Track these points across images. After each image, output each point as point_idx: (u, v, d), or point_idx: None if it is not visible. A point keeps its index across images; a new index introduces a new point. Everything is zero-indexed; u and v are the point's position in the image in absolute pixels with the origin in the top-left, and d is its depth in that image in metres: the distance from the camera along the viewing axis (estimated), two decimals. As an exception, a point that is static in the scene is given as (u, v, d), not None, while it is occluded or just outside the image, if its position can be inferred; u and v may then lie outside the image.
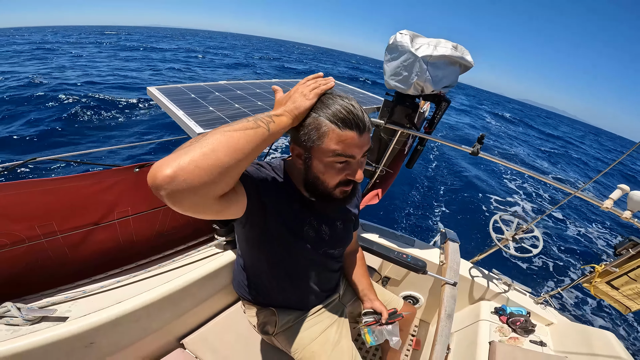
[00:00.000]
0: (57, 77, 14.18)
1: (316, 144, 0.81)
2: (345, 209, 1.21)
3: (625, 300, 1.76)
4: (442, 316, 1.63)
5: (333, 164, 0.83)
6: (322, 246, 1.11)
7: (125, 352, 1.15)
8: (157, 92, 1.42)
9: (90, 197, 1.13)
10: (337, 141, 0.79)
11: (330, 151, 0.80)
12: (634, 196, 1.56)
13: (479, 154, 1.76)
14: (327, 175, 0.85)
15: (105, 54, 27.70)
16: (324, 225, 1.10)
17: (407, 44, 1.61)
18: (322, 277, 1.22)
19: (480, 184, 9.98)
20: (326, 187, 0.88)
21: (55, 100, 10.55)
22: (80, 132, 8.28)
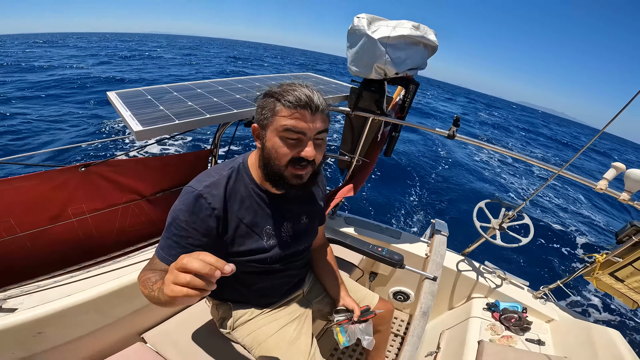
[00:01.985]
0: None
1: (269, 121, 0.87)
2: (311, 203, 1.19)
3: (632, 294, 1.56)
4: (417, 313, 1.54)
5: (284, 139, 0.86)
6: (283, 249, 1.09)
7: (78, 343, 1.20)
8: (114, 96, 1.49)
9: (41, 196, 1.20)
10: (288, 117, 0.84)
11: (281, 126, 0.84)
12: (631, 174, 1.36)
13: (456, 136, 1.64)
14: (278, 151, 0.88)
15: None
16: (286, 223, 1.08)
17: (364, 27, 1.54)
18: (282, 278, 1.20)
19: (472, 173, 9.67)
20: (278, 165, 0.89)
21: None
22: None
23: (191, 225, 0.89)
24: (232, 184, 0.97)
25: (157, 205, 1.55)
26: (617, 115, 1.08)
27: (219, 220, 0.93)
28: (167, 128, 1.27)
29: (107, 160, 1.32)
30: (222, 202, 0.93)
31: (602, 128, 1.14)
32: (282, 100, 0.84)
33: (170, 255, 0.89)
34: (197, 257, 0.59)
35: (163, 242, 0.92)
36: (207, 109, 1.44)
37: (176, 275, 0.58)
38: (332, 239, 1.71)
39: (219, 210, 0.92)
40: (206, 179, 0.94)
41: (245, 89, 1.79)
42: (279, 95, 0.85)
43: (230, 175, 0.97)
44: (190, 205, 0.89)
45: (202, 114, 1.40)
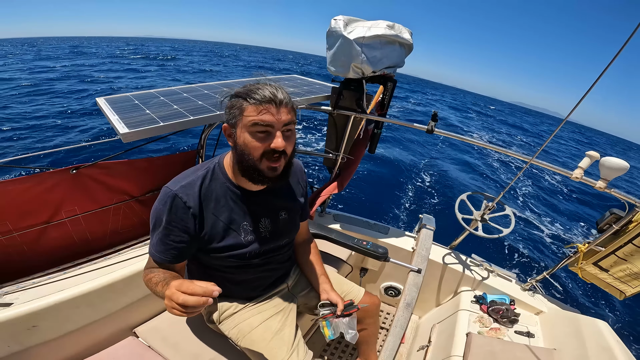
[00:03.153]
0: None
1: (238, 119, 0.92)
2: (290, 199, 1.23)
3: (618, 283, 1.55)
4: (401, 305, 1.56)
5: (254, 134, 0.91)
6: (261, 244, 1.13)
7: (71, 336, 1.25)
8: (102, 102, 1.58)
9: (36, 198, 1.28)
10: (254, 112, 0.89)
11: (250, 121, 0.89)
12: (606, 162, 1.38)
13: (434, 131, 1.67)
14: (250, 146, 0.92)
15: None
16: (263, 219, 1.13)
17: (340, 29, 1.60)
18: (264, 272, 1.24)
19: (459, 167, 9.70)
20: (252, 160, 0.94)
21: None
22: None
23: (171, 223, 0.96)
24: (208, 182, 1.02)
25: (147, 206, 1.62)
26: (579, 102, 1.10)
27: (195, 218, 0.99)
28: (152, 130, 1.34)
29: (97, 163, 1.40)
30: (197, 200, 0.99)
31: (566, 117, 1.16)
32: (248, 98, 0.89)
33: (158, 252, 0.99)
34: (188, 288, 0.73)
35: (152, 238, 1.01)
36: (191, 112, 1.52)
37: (173, 305, 0.74)
38: (318, 234, 1.74)
39: (194, 209, 0.98)
40: (182, 180, 1.00)
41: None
42: (245, 94, 0.90)
43: (205, 174, 1.03)
44: (167, 205, 0.96)
45: (186, 116, 1.47)
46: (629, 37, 0.89)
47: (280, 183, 1.03)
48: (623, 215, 1.45)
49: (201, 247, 1.06)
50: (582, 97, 1.07)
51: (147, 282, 0.98)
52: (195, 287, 0.72)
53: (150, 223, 1.00)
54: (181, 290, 0.73)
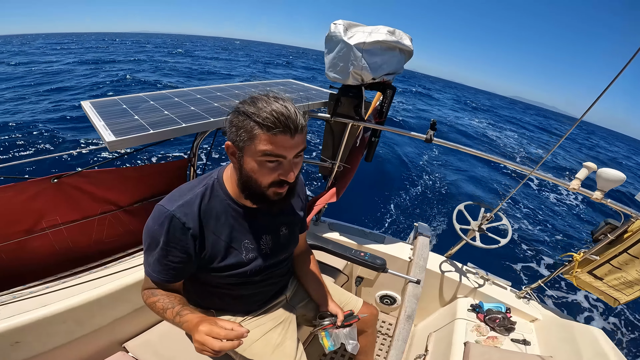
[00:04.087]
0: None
1: (247, 144, 0.82)
2: (291, 213, 1.18)
3: (612, 291, 1.58)
4: (402, 317, 1.54)
5: (264, 163, 0.84)
6: (263, 261, 1.08)
7: (57, 352, 1.18)
8: (88, 106, 1.47)
9: (13, 208, 1.18)
10: (267, 142, 0.80)
11: (260, 151, 0.81)
12: (603, 174, 1.39)
13: (433, 140, 1.65)
14: (258, 174, 0.86)
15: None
16: (265, 236, 1.08)
17: (340, 34, 1.56)
18: (264, 287, 1.20)
19: (459, 175, 9.70)
20: (259, 186, 0.88)
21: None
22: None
23: (169, 244, 0.90)
24: (207, 201, 0.95)
25: (135, 216, 1.53)
26: (591, 106, 1.10)
27: (195, 238, 0.92)
28: (141, 138, 1.26)
29: (81, 172, 1.31)
30: (196, 220, 0.92)
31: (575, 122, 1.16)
32: (260, 123, 0.79)
33: (156, 272, 0.94)
34: (219, 334, 0.75)
35: (148, 258, 0.95)
36: (183, 118, 1.44)
37: (207, 350, 0.75)
38: (315, 245, 1.70)
39: (194, 230, 0.91)
40: (179, 198, 0.92)
41: (224, 97, 1.79)
42: (256, 116, 0.79)
43: (204, 192, 0.96)
44: (164, 226, 0.89)
45: (178, 123, 1.39)
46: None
47: (283, 205, 0.99)
48: (618, 225, 1.47)
49: (201, 266, 1.00)
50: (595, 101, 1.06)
51: (150, 305, 0.96)
52: (229, 333, 0.75)
53: (144, 242, 0.93)
54: (212, 336, 0.75)
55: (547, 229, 7.48)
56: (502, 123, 26.97)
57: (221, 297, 1.16)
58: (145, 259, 0.96)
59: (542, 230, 7.28)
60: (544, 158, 1.34)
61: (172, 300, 0.93)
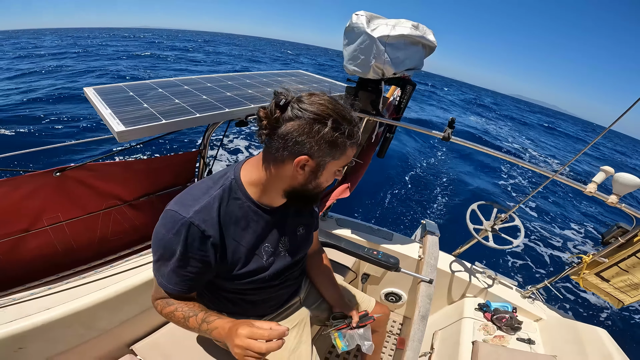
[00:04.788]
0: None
1: (335, 158, 0.83)
2: (309, 213, 1.14)
3: (618, 293, 1.62)
4: (416, 318, 1.53)
5: (337, 172, 0.88)
6: (281, 264, 1.03)
7: (63, 357, 1.12)
8: (91, 92, 1.35)
9: (11, 204, 1.08)
10: (347, 157, 0.85)
11: (341, 164, 0.86)
12: (620, 178, 1.41)
13: (451, 138, 1.63)
14: (328, 182, 0.90)
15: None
16: (283, 238, 1.02)
17: (363, 25, 1.49)
18: (280, 289, 1.15)
19: (464, 173, 9.75)
20: (316, 192, 0.91)
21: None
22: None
23: (187, 255, 0.81)
24: (226, 204, 0.86)
25: (141, 211, 1.44)
26: (623, 115, 1.09)
27: (216, 247, 0.84)
28: (153, 128, 1.16)
29: (85, 164, 1.20)
30: (217, 227, 0.83)
31: (605, 130, 1.15)
32: (351, 141, 0.81)
33: (172, 284, 0.86)
34: (262, 335, 0.71)
35: (161, 269, 0.85)
36: (195, 108, 1.34)
37: (252, 355, 0.71)
38: (327, 242, 1.66)
39: (214, 238, 0.83)
40: (194, 203, 0.82)
41: (235, 87, 1.69)
42: (349, 135, 0.79)
43: (222, 195, 0.86)
44: (182, 235, 0.79)
45: (191, 112, 1.29)
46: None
47: (316, 204, 1.01)
48: (629, 229, 1.50)
49: (220, 274, 0.93)
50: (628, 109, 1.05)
51: (167, 315, 0.90)
52: (271, 332, 0.71)
53: (155, 252, 0.84)
54: (255, 338, 0.71)
55: (556, 229, 7.60)
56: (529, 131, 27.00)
57: (235, 302, 1.10)
58: (156, 269, 0.86)
59: (551, 230, 7.40)
60: (567, 163, 1.33)
61: (191, 307, 0.88)
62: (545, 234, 7.09)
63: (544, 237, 6.91)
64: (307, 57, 62.45)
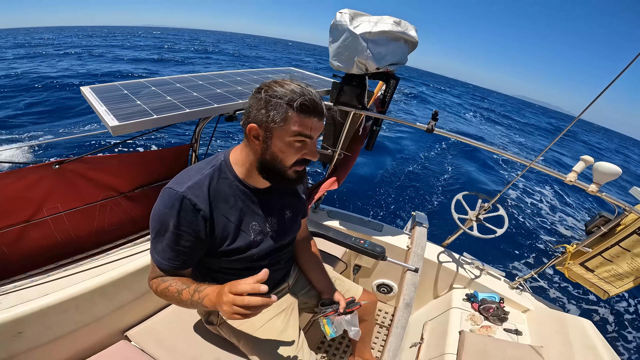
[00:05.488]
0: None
1: (279, 125, 0.86)
2: (294, 196, 1.19)
3: (603, 283, 1.63)
4: (400, 305, 1.57)
5: (292, 143, 0.89)
6: (269, 244, 1.10)
7: (60, 342, 1.18)
8: (88, 91, 1.45)
9: (15, 195, 1.16)
10: (299, 124, 0.86)
11: (292, 132, 0.87)
12: (599, 167, 1.42)
13: (434, 130, 1.67)
14: (285, 154, 0.91)
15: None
16: (271, 218, 1.09)
17: (346, 23, 1.55)
18: (270, 274, 1.21)
19: (460, 167, 9.79)
20: (283, 166, 0.93)
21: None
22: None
23: (180, 228, 0.90)
24: (216, 182, 0.96)
25: (136, 202, 1.52)
26: (591, 104, 1.12)
27: (206, 220, 0.93)
28: (145, 123, 1.25)
29: (83, 157, 1.29)
30: (207, 202, 0.92)
31: (575, 118, 1.18)
32: (294, 106, 0.85)
33: (166, 259, 0.93)
34: (245, 290, 0.77)
35: (157, 246, 0.93)
36: (186, 104, 1.42)
37: (237, 310, 0.77)
38: (315, 232, 1.72)
39: (204, 211, 0.91)
40: (187, 180, 0.92)
41: (226, 84, 1.77)
42: (289, 99, 0.85)
43: (212, 174, 0.96)
44: (175, 208, 0.88)
45: (182, 108, 1.37)
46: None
47: (299, 184, 1.04)
48: (612, 218, 1.51)
49: (210, 251, 1.00)
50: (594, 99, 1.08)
51: (162, 292, 0.95)
52: (254, 286, 0.77)
53: (152, 229, 0.92)
54: (238, 293, 0.77)
55: (541, 220, 7.58)
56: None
57: None
58: (153, 247, 0.94)
59: (536, 221, 7.39)
60: (543, 150, 1.36)
61: (184, 281, 0.93)
62: (531, 225, 7.07)
63: (531, 228, 6.90)
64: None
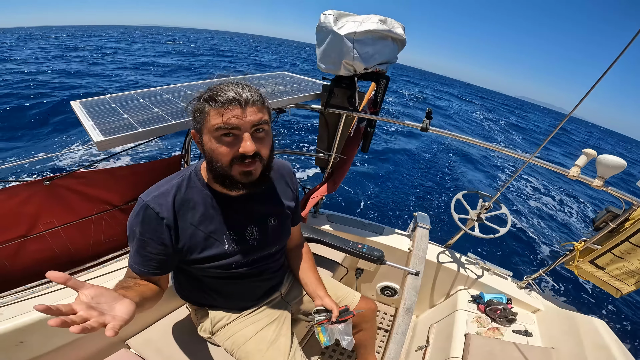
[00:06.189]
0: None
1: (202, 124, 0.86)
2: (278, 203, 1.17)
3: (614, 281, 1.54)
4: (401, 310, 1.53)
5: (220, 138, 0.85)
6: (249, 253, 1.08)
7: (62, 351, 1.20)
8: (77, 106, 1.47)
9: (9, 211, 1.19)
10: (218, 116, 0.83)
11: (213, 125, 0.84)
12: (603, 160, 1.35)
13: (429, 129, 1.62)
14: (217, 152, 0.87)
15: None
16: (250, 227, 1.07)
17: (330, 24, 1.52)
18: (255, 282, 1.20)
19: (462, 166, 9.63)
20: (221, 166, 0.89)
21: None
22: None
23: (145, 235, 0.92)
24: (184, 191, 0.97)
25: None
26: (583, 99, 1.06)
27: (170, 229, 0.93)
28: (130, 137, 1.25)
29: (73, 172, 1.30)
30: (170, 210, 0.93)
31: (569, 114, 1.12)
32: (210, 101, 0.84)
33: (136, 263, 0.95)
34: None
35: (130, 251, 0.97)
36: (173, 115, 1.42)
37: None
38: (312, 238, 1.69)
39: (168, 220, 0.92)
40: (155, 190, 0.95)
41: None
42: (208, 97, 0.84)
43: (180, 183, 0.97)
44: (140, 216, 0.91)
45: (167, 120, 1.37)
46: (632, 38, 0.84)
47: (259, 188, 0.95)
48: (619, 213, 1.43)
49: (182, 259, 1.00)
50: (585, 95, 1.02)
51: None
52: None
53: (127, 234, 0.96)
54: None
55: (547, 218, 7.37)
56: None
57: (211, 293, 1.17)
58: (130, 251, 0.97)
59: (542, 219, 7.18)
60: (541, 145, 1.30)
61: (125, 284, 0.88)
62: (538, 223, 6.86)
63: (537, 226, 6.69)
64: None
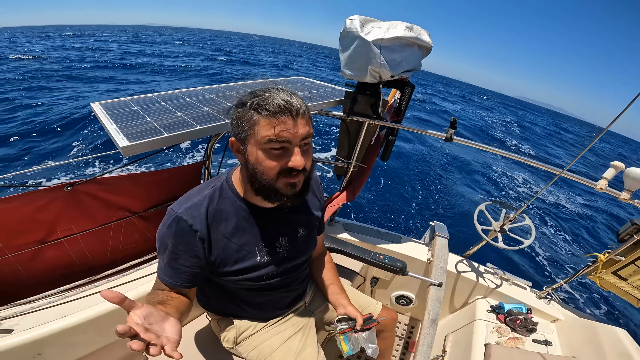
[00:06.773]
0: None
1: (248, 133, 0.81)
2: (307, 213, 1.14)
3: (636, 292, 1.55)
4: (426, 322, 1.50)
5: (269, 151, 0.81)
6: (280, 265, 1.06)
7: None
8: (98, 108, 1.42)
9: (27, 217, 1.15)
10: (269, 127, 0.78)
11: (263, 137, 0.79)
12: (631, 173, 1.35)
13: (453, 139, 1.61)
14: (264, 164, 0.82)
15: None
16: (281, 238, 1.05)
17: (357, 30, 1.50)
18: (284, 292, 1.17)
19: (471, 173, 9.60)
20: (268, 179, 0.84)
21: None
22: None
23: (177, 247, 0.89)
24: (216, 203, 0.93)
25: (151, 222, 1.49)
26: (621, 114, 1.05)
27: (203, 241, 0.91)
28: (156, 142, 1.21)
29: (95, 178, 1.26)
30: (204, 223, 0.90)
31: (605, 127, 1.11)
32: (260, 109, 0.78)
33: (168, 276, 0.91)
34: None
35: (160, 262, 0.93)
36: (197, 120, 1.39)
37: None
38: (333, 247, 1.66)
39: (201, 232, 0.89)
40: (186, 201, 0.92)
41: (236, 97, 1.73)
42: (256, 104, 0.78)
43: (212, 194, 0.94)
44: (172, 229, 0.89)
45: (192, 125, 1.34)
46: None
47: (302, 199, 0.93)
48: (645, 225, 1.44)
49: (214, 271, 0.97)
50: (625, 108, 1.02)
51: (147, 300, 0.90)
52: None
53: (157, 246, 0.92)
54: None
55: (569, 229, 7.37)
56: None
57: (239, 304, 1.14)
58: (158, 263, 0.94)
59: (564, 230, 7.18)
60: (574, 159, 1.29)
61: (157, 296, 0.87)
62: (559, 234, 6.86)
63: (558, 237, 6.68)
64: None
